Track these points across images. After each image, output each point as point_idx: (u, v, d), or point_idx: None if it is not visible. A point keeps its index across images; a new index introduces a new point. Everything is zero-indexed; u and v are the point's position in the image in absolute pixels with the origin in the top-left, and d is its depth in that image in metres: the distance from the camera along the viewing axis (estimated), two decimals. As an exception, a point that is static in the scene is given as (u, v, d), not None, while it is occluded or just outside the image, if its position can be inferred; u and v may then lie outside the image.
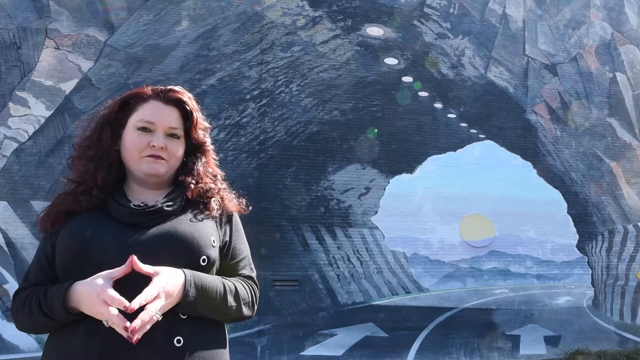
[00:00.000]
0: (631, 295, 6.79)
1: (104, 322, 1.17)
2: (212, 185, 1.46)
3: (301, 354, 5.58)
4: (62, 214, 1.34)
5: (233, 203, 1.51)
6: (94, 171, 1.37)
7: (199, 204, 1.42)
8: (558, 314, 6.48)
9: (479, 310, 6.24)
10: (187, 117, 1.44)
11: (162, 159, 1.38)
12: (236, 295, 1.38)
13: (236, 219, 1.52)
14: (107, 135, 1.41)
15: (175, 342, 1.25)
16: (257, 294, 1.48)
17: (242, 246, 1.51)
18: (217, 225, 1.43)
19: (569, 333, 6.43)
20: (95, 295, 1.17)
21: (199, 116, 1.47)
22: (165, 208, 1.34)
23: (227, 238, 1.45)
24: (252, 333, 5.47)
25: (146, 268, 1.21)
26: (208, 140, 1.51)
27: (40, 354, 1.32)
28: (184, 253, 1.31)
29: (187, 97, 1.45)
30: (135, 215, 1.32)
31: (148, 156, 1.37)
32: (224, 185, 1.52)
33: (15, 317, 1.34)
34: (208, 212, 1.41)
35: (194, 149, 1.48)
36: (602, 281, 6.75)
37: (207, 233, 1.37)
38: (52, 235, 1.34)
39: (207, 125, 1.52)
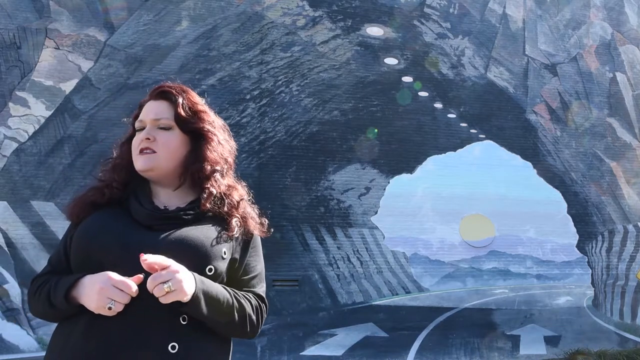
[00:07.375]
0: (631, 295, 6.78)
1: (107, 306, 1.17)
2: (229, 200, 1.40)
3: (301, 354, 5.58)
4: (86, 204, 1.37)
5: (255, 223, 1.45)
6: (112, 173, 1.42)
7: (221, 219, 1.38)
8: (558, 314, 6.48)
9: (479, 310, 6.24)
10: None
11: (151, 151, 1.37)
12: (242, 309, 1.34)
13: (256, 239, 1.46)
14: (129, 143, 1.46)
15: (169, 348, 1.22)
16: (265, 314, 1.43)
17: (257, 264, 1.46)
18: (233, 240, 1.38)
19: (569, 333, 6.42)
20: (101, 282, 1.18)
21: (185, 102, 1.42)
22: (184, 217, 1.34)
23: (240, 254, 1.41)
24: (252, 333, 5.47)
25: (154, 258, 1.19)
26: (206, 126, 1.44)
27: (40, 354, 1.32)
28: (190, 259, 1.27)
29: (173, 88, 1.43)
30: (151, 217, 1.33)
31: (139, 153, 1.38)
32: (245, 196, 1.47)
33: (29, 302, 1.36)
34: (228, 234, 1.36)
35: (197, 138, 1.43)
36: (602, 281, 6.75)
37: (219, 243, 1.34)
38: (75, 225, 1.37)
39: (204, 109, 1.45)
